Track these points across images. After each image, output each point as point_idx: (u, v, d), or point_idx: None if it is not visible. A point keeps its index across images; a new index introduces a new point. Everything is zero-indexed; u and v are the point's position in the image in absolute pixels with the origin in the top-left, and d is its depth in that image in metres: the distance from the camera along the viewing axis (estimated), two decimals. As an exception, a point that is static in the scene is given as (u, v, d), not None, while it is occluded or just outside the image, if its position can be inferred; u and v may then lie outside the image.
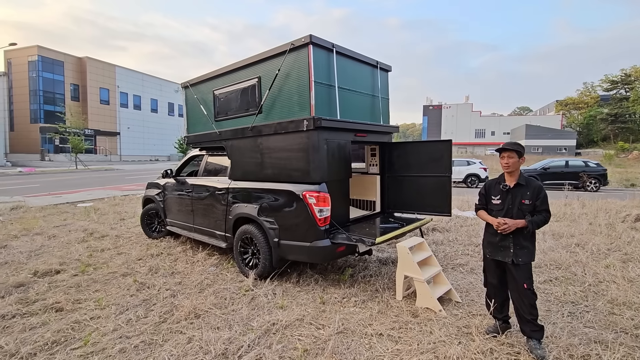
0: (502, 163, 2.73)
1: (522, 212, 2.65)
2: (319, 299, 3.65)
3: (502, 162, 2.73)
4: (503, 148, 2.73)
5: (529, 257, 2.66)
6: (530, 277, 2.66)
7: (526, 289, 2.61)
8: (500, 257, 2.73)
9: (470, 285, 3.95)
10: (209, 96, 5.09)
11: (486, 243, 2.88)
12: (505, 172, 2.75)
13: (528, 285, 2.62)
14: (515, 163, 2.69)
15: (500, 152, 2.75)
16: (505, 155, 2.71)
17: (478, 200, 2.96)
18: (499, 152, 2.77)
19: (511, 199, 2.71)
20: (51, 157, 40.14)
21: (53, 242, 6.20)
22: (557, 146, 52.68)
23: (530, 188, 2.67)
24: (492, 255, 2.81)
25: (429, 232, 6.48)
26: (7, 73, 42.62)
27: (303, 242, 3.81)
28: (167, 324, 3.20)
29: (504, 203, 2.73)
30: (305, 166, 3.80)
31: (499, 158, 2.80)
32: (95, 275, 4.49)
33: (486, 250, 2.88)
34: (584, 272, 4.27)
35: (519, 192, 2.69)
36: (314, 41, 3.65)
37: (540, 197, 2.63)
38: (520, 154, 2.71)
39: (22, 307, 3.54)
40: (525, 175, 2.75)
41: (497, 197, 2.79)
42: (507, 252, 2.69)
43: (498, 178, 2.86)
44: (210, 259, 5.07)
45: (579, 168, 15.49)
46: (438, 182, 4.49)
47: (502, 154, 2.73)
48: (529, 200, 2.64)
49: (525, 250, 2.65)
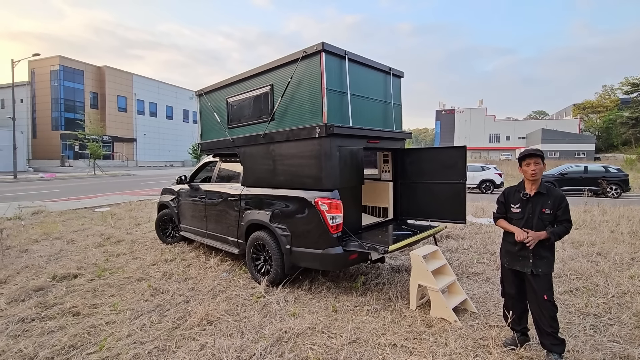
0: (527, 170, 2.59)
1: (543, 222, 2.56)
2: (331, 307, 3.61)
3: (527, 170, 2.58)
4: (529, 154, 2.59)
5: (548, 268, 2.56)
6: (550, 288, 2.57)
7: (546, 300, 2.52)
8: (519, 267, 2.65)
9: (487, 295, 3.85)
10: (223, 104, 5.16)
11: (504, 252, 2.80)
12: (530, 179, 2.61)
13: (548, 296, 2.53)
14: (541, 170, 2.57)
15: (524, 159, 2.61)
16: (531, 162, 2.57)
17: (497, 209, 2.86)
18: (522, 159, 2.63)
19: (531, 207, 2.61)
20: (71, 162, 41.41)
21: (71, 246, 6.35)
22: (575, 151, 51.36)
23: (551, 197, 2.57)
24: (510, 264, 2.73)
25: (442, 240, 6.37)
26: (30, 82, 44.34)
27: (315, 249, 3.79)
28: (181, 330, 3.22)
29: (524, 212, 2.64)
30: (318, 173, 3.80)
31: (520, 165, 2.65)
32: (111, 279, 4.57)
33: (504, 259, 2.80)
34: (607, 282, 4.11)
35: (540, 201, 2.59)
36: (326, 49, 3.67)
37: (561, 207, 2.53)
38: (544, 159, 2.61)
39: (41, 310, 3.63)
40: (546, 184, 2.66)
41: (516, 205, 2.69)
42: (525, 262, 2.61)
43: (517, 186, 2.76)
44: (222, 265, 5.09)
45: (598, 173, 15.01)
46: (452, 189, 4.42)
47: (528, 160, 2.59)
48: (550, 210, 2.54)
49: (545, 260, 2.56)
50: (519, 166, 2.70)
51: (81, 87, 45.11)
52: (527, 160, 2.60)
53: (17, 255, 5.73)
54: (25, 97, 44.45)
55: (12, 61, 25.86)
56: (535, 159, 2.57)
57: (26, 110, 44.46)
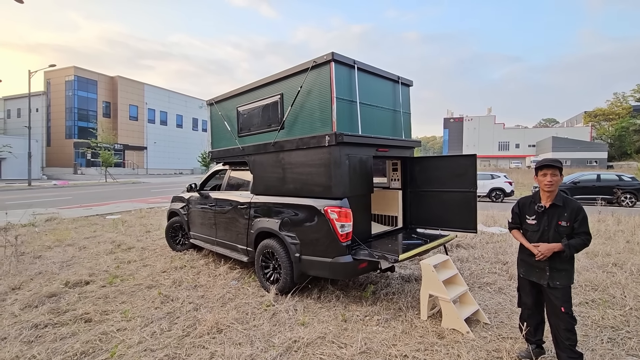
0: (542, 181, 2.49)
1: (559, 235, 2.47)
2: (341, 317, 3.58)
3: (543, 180, 2.49)
4: (546, 164, 2.48)
5: (567, 280, 2.49)
6: (568, 300, 2.49)
7: (564, 312, 2.45)
8: (535, 279, 2.60)
9: (499, 306, 3.78)
10: (233, 113, 5.23)
11: (520, 261, 2.75)
12: (546, 190, 2.51)
13: (566, 308, 2.46)
14: (558, 182, 2.47)
15: (542, 169, 2.51)
16: (548, 173, 2.47)
17: (511, 219, 2.80)
18: (539, 168, 2.53)
19: (547, 220, 2.53)
20: (83, 170, 42.21)
21: (83, 253, 6.44)
22: (586, 159, 50.52)
23: (567, 209, 2.48)
24: (526, 275, 2.67)
25: (453, 249, 6.29)
26: (46, 92, 45.60)
27: (324, 258, 3.78)
28: (190, 337, 3.23)
29: (540, 224, 2.56)
30: (327, 181, 3.81)
31: (536, 174, 2.55)
32: (122, 286, 4.61)
33: (520, 269, 2.74)
34: (624, 294, 4.00)
35: (556, 213, 2.51)
36: (335, 58, 3.71)
37: (578, 219, 2.43)
38: (561, 171, 2.50)
39: (54, 317, 3.67)
40: (562, 195, 2.56)
41: (532, 217, 2.61)
42: (542, 274, 2.55)
43: (533, 196, 2.68)
44: (232, 273, 5.10)
45: (612, 182, 14.73)
46: (463, 198, 4.39)
47: (545, 170, 2.49)
48: (567, 222, 2.45)
49: (562, 272, 2.49)
50: (534, 175, 2.63)
51: (94, 97, 46.22)
52: (544, 171, 2.51)
53: (31, 261, 5.83)
54: (41, 107, 45.69)
55: (29, 72, 26.67)
56: (553, 170, 2.48)
57: (41, 119, 45.67)
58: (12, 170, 36.30)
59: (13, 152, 30.67)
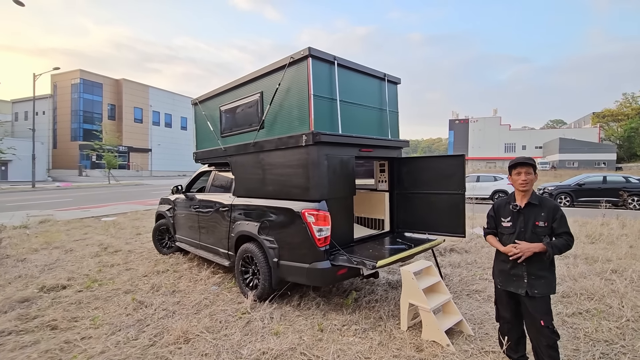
0: (517, 180, 2.39)
1: (537, 236, 2.32)
2: (317, 326, 3.39)
3: (517, 179, 2.39)
4: (519, 162, 2.41)
5: (546, 289, 2.31)
6: (548, 313, 2.31)
7: (543, 326, 2.25)
8: (513, 288, 2.40)
9: (486, 316, 3.55)
10: (216, 112, 5.09)
11: (497, 271, 2.56)
12: (520, 190, 2.41)
13: (546, 321, 2.27)
14: (533, 180, 2.38)
15: (515, 167, 2.43)
16: (522, 171, 2.38)
17: (487, 223, 2.64)
18: (512, 167, 2.44)
19: (523, 221, 2.39)
20: (87, 172, 42.56)
21: (69, 256, 6.33)
22: (594, 160, 49.65)
23: (544, 208, 2.35)
24: (503, 285, 2.48)
25: (445, 253, 6.06)
26: (52, 95, 46.16)
27: (302, 263, 3.60)
28: (156, 347, 3.06)
29: (515, 226, 2.41)
30: (305, 183, 3.64)
31: (510, 174, 2.48)
32: (99, 291, 4.47)
33: (497, 279, 2.55)
34: (621, 304, 3.74)
35: (532, 213, 2.37)
36: (313, 54, 3.54)
37: (557, 218, 2.30)
38: (536, 169, 2.41)
39: (21, 323, 3.53)
40: (538, 194, 2.44)
41: (507, 219, 2.46)
42: (520, 283, 2.36)
43: (508, 197, 2.55)
44: (213, 278, 4.94)
45: (618, 184, 14.30)
46: (450, 200, 4.18)
47: (519, 169, 2.40)
48: (544, 222, 2.31)
49: (542, 280, 2.31)
50: (508, 175, 2.51)
51: (100, 99, 46.70)
52: (518, 169, 2.41)
53: (14, 264, 5.72)
54: (47, 109, 46.26)
55: (33, 75, 26.97)
56: (526, 167, 2.38)
57: (48, 121, 46.24)
58: (19, 172, 36.73)
59: (18, 154, 30.96)
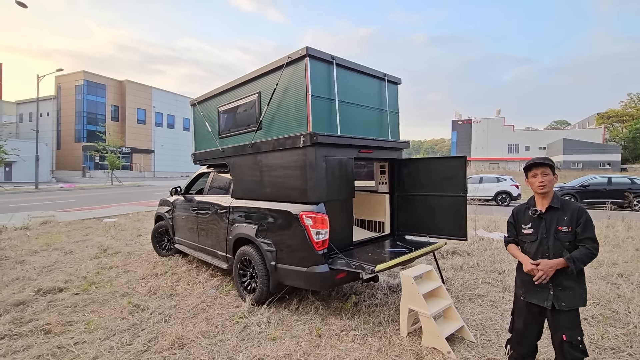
0: (534, 182, 2.21)
1: (561, 243, 2.13)
2: (316, 331, 3.32)
3: (534, 181, 2.20)
4: (536, 163, 2.21)
5: (574, 301, 2.10)
6: (574, 327, 2.10)
7: (565, 341, 2.06)
8: (537, 300, 2.20)
9: (488, 322, 3.46)
10: (214, 113, 5.04)
11: (519, 282, 2.34)
12: (539, 193, 2.21)
13: (569, 337, 2.06)
14: (551, 181, 2.18)
15: (530, 169, 2.23)
16: (538, 173, 2.19)
17: (507, 231, 2.45)
18: (528, 169, 2.25)
19: (545, 226, 2.19)
20: (91, 173, 42.74)
21: (68, 258, 6.30)
22: (599, 161, 49.17)
23: (567, 212, 2.15)
24: (526, 297, 2.27)
25: (448, 256, 5.97)
26: (56, 97, 46.44)
27: (299, 267, 3.53)
28: (149, 353, 3.00)
29: (537, 232, 2.21)
30: (303, 185, 3.57)
31: (526, 177, 2.27)
32: (96, 294, 4.42)
33: (519, 290, 2.33)
34: (628, 309, 3.63)
35: (554, 218, 2.17)
36: (311, 53, 3.48)
37: (581, 222, 2.09)
38: (554, 169, 2.21)
39: (15, 327, 3.49)
40: (560, 197, 2.24)
41: (527, 225, 2.26)
42: (545, 294, 2.16)
43: (527, 202, 2.35)
44: (211, 281, 4.88)
45: (624, 185, 14.13)
46: (452, 203, 4.09)
47: (534, 170, 2.21)
48: (567, 227, 2.12)
49: (569, 291, 2.11)
50: (525, 178, 2.31)
51: (103, 101, 46.89)
52: (533, 171, 2.22)
53: (12, 266, 5.70)
54: (52, 111, 46.54)
55: (37, 76, 27.11)
56: (543, 168, 2.18)
57: (52, 123, 46.52)
58: (23, 173, 36.93)
59: (22, 155, 31.15)
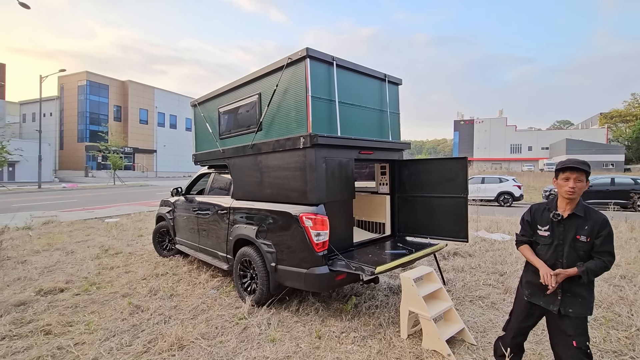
0: (564, 186, 2.06)
1: (576, 252, 2.05)
2: (315, 333, 3.31)
3: (564, 185, 2.05)
4: (570, 166, 2.03)
5: (582, 309, 2.05)
6: (583, 334, 2.05)
7: (575, 347, 2.01)
8: (543, 303, 2.16)
9: (489, 324, 3.44)
10: (215, 114, 5.04)
11: (525, 282, 2.30)
12: (566, 197, 2.07)
13: (579, 343, 2.01)
14: (582, 189, 2.04)
15: (565, 171, 2.06)
16: (572, 177, 2.03)
17: (520, 230, 2.33)
18: (561, 170, 2.08)
19: (563, 232, 2.09)
20: (93, 173, 42.88)
21: (69, 258, 6.32)
22: (603, 162, 48.94)
23: (590, 221, 2.03)
24: (532, 298, 2.22)
25: (449, 257, 5.94)
26: (59, 97, 46.63)
27: (299, 268, 3.52)
28: (149, 354, 3.00)
29: (553, 236, 2.12)
30: (302, 186, 3.56)
31: (556, 177, 2.12)
32: (97, 295, 4.43)
33: (525, 290, 2.28)
34: (631, 312, 3.60)
35: (574, 225, 2.06)
36: (311, 54, 3.47)
37: (602, 235, 2.00)
38: (589, 176, 2.06)
39: (15, 328, 3.50)
40: (585, 204, 2.11)
41: (544, 227, 2.16)
42: (552, 299, 2.12)
43: (548, 203, 2.23)
44: (212, 282, 4.88)
45: (627, 186, 14.05)
46: (453, 204, 4.08)
47: (568, 173, 2.04)
48: (587, 237, 2.02)
49: (578, 299, 2.05)
50: (554, 178, 2.16)
51: (106, 101, 47.05)
52: (567, 174, 2.05)
53: (14, 266, 5.72)
54: (55, 111, 46.73)
55: (40, 77, 27.24)
56: (578, 174, 2.02)
57: (55, 123, 46.71)
58: (26, 173, 37.10)
59: (25, 155, 31.29)
